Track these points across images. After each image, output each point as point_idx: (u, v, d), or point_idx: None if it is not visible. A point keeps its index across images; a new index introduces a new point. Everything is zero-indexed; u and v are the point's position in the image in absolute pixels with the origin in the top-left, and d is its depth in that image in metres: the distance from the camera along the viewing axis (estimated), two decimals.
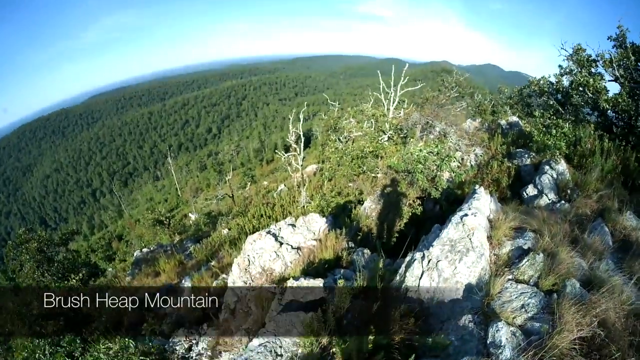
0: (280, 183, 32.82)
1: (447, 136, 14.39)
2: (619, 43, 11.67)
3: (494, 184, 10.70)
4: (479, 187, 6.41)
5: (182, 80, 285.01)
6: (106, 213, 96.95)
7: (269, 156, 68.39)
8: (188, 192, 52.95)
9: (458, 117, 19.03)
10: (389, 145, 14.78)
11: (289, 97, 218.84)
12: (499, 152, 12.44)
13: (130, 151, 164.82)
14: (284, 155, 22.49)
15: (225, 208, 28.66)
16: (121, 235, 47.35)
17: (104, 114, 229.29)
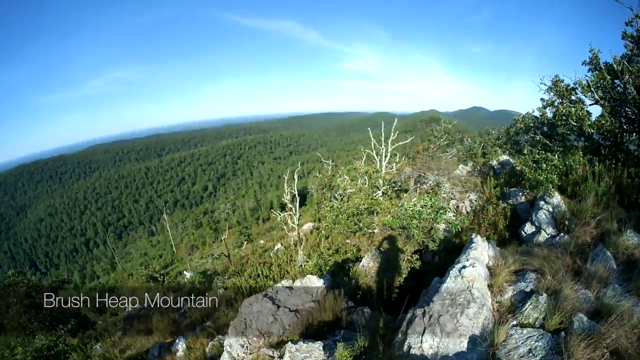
0: (276, 242, 32.46)
1: (440, 186, 14.51)
2: (593, 66, 12.03)
3: (491, 228, 10.60)
4: (476, 236, 6.35)
5: (179, 138, 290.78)
6: (99, 264, 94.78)
7: (265, 215, 68.25)
8: (183, 249, 52.22)
9: (450, 164, 19.29)
10: (383, 201, 14.85)
11: (283, 156, 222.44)
12: (492, 194, 12.41)
13: (126, 204, 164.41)
14: (280, 214, 22.48)
15: (221, 267, 28.12)
16: (113, 288, 45.81)
17: (102, 164, 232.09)
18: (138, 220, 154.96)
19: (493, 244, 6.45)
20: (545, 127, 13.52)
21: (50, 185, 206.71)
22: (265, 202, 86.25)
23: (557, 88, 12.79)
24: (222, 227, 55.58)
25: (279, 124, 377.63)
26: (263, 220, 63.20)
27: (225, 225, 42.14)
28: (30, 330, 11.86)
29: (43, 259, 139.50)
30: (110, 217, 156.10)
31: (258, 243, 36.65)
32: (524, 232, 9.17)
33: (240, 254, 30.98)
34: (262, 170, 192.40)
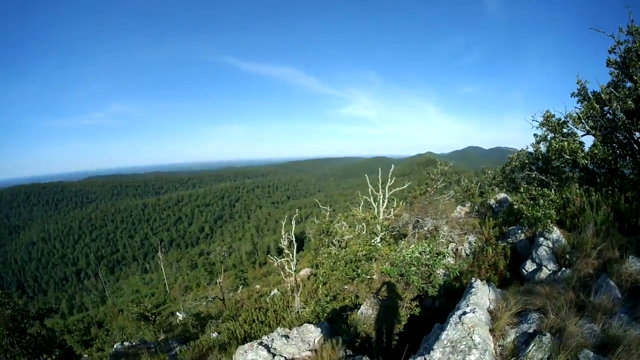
0: (273, 287, 31.93)
1: (438, 229, 14.50)
2: (582, 97, 12.31)
3: (492, 269, 10.50)
4: (475, 280, 6.30)
5: (178, 177, 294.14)
6: (88, 296, 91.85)
7: (262, 259, 67.34)
8: (177, 289, 50.98)
9: (448, 206, 19.38)
10: (382, 247, 14.81)
11: (281, 200, 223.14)
12: (491, 235, 12.37)
13: (121, 239, 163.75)
14: (276, 260, 22.28)
15: (215, 310, 27.45)
16: (102, 322, 44.15)
17: (99, 196, 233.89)
18: (132, 256, 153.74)
19: (494, 287, 6.39)
20: (540, 162, 13.65)
21: (46, 210, 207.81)
22: (262, 246, 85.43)
23: (548, 123, 13.07)
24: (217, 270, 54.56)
25: (277, 168, 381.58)
26: (260, 264, 62.24)
27: (221, 268, 41.28)
28: (11, 354, 11.42)
29: (31, 283, 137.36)
30: (104, 249, 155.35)
31: (254, 287, 35.96)
32: (525, 270, 9.08)
33: (235, 298, 30.31)
34: (259, 214, 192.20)
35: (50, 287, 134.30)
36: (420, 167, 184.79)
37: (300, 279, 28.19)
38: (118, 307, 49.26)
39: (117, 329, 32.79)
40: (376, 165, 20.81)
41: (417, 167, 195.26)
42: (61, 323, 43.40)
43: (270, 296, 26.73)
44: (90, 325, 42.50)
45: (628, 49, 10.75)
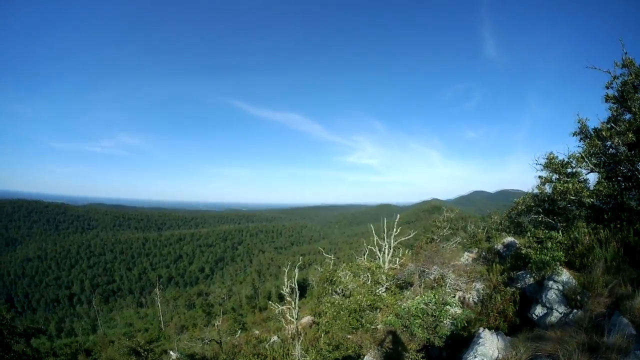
0: (273, 334, 30.92)
1: (444, 278, 14.29)
2: (583, 135, 12.44)
3: (501, 316, 10.27)
4: (483, 330, 6.23)
5: (181, 215, 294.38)
6: (79, 322, 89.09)
7: (262, 304, 65.68)
8: (172, 327, 49.34)
9: (454, 252, 19.15)
10: (386, 297, 14.63)
11: (284, 246, 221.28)
12: (499, 281, 12.17)
13: (119, 270, 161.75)
14: (278, 306, 21.92)
15: (210, 353, 26.46)
16: (90, 351, 42.37)
17: (101, 224, 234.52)
18: (128, 289, 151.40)
19: (502, 335, 6.28)
20: (546, 203, 13.68)
21: (46, 228, 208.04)
22: (263, 291, 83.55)
23: (552, 165, 13.19)
24: (215, 312, 53.27)
25: (281, 213, 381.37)
26: (260, 309, 60.59)
27: (219, 311, 40.50)
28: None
29: (22, 298, 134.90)
30: (100, 278, 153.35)
31: (253, 333, 34.78)
32: (534, 315, 8.90)
33: (232, 342, 29.29)
34: (262, 258, 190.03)
35: (40, 306, 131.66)
36: (425, 214, 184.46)
37: (302, 326, 27.37)
38: (109, 338, 47.80)
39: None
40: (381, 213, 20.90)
41: (422, 214, 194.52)
42: (47, 345, 41.92)
43: (270, 343, 25.84)
44: (78, 352, 41.12)
45: (624, 82, 11.06)
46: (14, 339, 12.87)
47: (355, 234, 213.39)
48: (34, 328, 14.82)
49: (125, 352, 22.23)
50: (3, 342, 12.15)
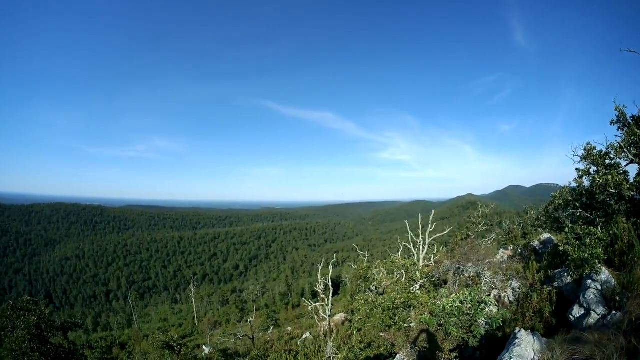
0: (305, 330, 31.15)
1: (480, 276, 13.82)
2: (621, 123, 11.68)
3: (537, 316, 9.82)
4: (519, 331, 5.94)
5: (215, 215, 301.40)
6: (115, 317, 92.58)
7: (296, 301, 66.18)
8: (206, 323, 50.57)
9: (490, 250, 18.58)
10: (421, 295, 14.32)
11: (318, 244, 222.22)
12: (536, 279, 11.66)
13: (154, 268, 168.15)
14: (311, 303, 21.96)
15: (243, 348, 26.89)
16: (124, 344, 44.16)
17: (137, 224, 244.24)
18: (164, 286, 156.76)
19: (539, 336, 5.96)
20: (584, 197, 13.00)
21: (83, 229, 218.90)
22: (296, 288, 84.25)
23: (590, 156, 12.51)
24: (249, 308, 54.14)
25: (315, 211, 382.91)
26: (293, 306, 61.05)
27: (253, 307, 41.12)
28: (29, 358, 11.67)
29: (60, 295, 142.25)
30: (136, 275, 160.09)
31: (285, 329, 35.19)
32: (572, 316, 8.48)
33: (265, 338, 29.66)
34: (296, 256, 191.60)
35: (78, 302, 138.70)
36: (460, 210, 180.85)
37: (334, 323, 27.38)
38: (143, 332, 49.51)
39: (140, 354, 32.80)
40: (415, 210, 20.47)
41: (457, 210, 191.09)
42: (84, 338, 44.10)
43: (302, 339, 26.02)
44: (113, 345, 42.89)
45: None
46: (52, 332, 13.49)
47: (389, 230, 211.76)
48: (71, 322, 15.49)
49: (159, 346, 22.75)
50: (41, 335, 12.74)
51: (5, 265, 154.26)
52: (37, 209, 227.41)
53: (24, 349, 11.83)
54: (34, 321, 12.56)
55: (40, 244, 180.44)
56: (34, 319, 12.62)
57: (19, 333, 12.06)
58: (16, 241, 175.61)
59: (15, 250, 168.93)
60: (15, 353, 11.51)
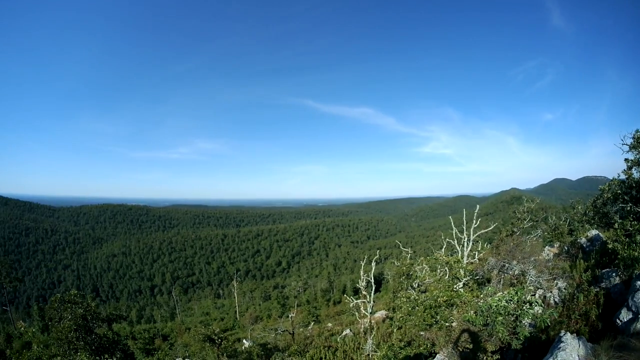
0: (345, 327, 31.05)
1: (525, 275, 13.16)
2: None
3: (582, 319, 9.21)
4: (565, 334, 5.55)
5: (259, 212, 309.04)
6: (159, 310, 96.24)
7: (337, 297, 66.31)
8: (247, 318, 51.61)
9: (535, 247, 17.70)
10: (464, 293, 13.86)
11: (361, 240, 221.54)
12: (583, 279, 10.94)
13: (198, 264, 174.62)
14: (352, 300, 21.82)
15: (283, 343, 27.16)
16: (167, 336, 45.88)
17: (181, 223, 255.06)
18: (207, 281, 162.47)
19: (584, 341, 5.52)
20: (634, 190, 12.02)
21: (129, 228, 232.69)
22: (338, 284, 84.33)
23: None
24: (290, 304, 54.74)
25: (358, 207, 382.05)
26: (334, 302, 61.18)
27: (294, 303, 41.50)
28: (74, 346, 12.37)
29: (106, 289, 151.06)
30: (180, 271, 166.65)
31: (325, 325, 35.23)
32: (619, 320, 7.86)
33: (305, 334, 29.85)
34: (338, 252, 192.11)
35: (123, 295, 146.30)
36: (504, 205, 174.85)
37: (375, 321, 27.14)
38: (186, 325, 51.13)
39: (181, 345, 33.94)
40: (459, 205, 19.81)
41: (501, 205, 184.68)
42: (128, 329, 46.02)
43: (342, 336, 25.93)
44: (156, 336, 44.61)
45: None
46: (97, 323, 14.23)
47: (432, 227, 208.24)
48: (116, 314, 16.28)
49: (200, 338, 23.39)
50: (86, 325, 13.44)
51: (54, 262, 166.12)
52: (86, 210, 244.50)
53: (70, 337, 12.55)
54: (81, 313, 13.31)
55: (88, 242, 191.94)
56: (80, 310, 13.37)
57: (65, 323, 12.82)
58: (65, 240, 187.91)
59: (64, 248, 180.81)
60: (61, 341, 12.24)
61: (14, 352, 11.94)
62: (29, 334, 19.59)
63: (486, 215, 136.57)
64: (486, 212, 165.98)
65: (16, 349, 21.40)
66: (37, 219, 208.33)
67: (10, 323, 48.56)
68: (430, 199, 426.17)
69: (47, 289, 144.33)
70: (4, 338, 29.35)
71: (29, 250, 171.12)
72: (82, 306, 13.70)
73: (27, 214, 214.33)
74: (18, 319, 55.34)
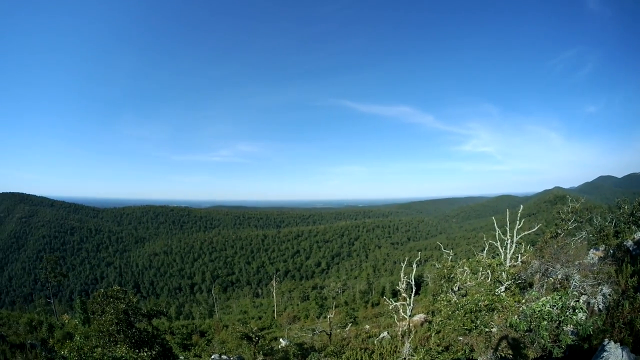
0: (383, 329, 30.70)
1: (569, 279, 12.47)
2: None
3: (626, 329, 8.61)
4: (608, 343, 5.22)
5: (299, 213, 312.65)
6: (197, 307, 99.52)
7: (375, 299, 65.65)
8: (284, 317, 52.19)
9: (579, 250, 16.77)
10: (505, 298, 13.34)
11: (401, 241, 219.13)
12: (629, 285, 10.22)
13: (238, 263, 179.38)
14: (392, 302, 21.59)
15: (319, 344, 27.17)
16: (204, 332, 47.04)
17: (222, 224, 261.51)
18: (246, 280, 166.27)
19: (628, 351, 5.16)
20: None
21: (171, 228, 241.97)
22: (377, 286, 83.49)
23: None
24: (328, 305, 54.70)
25: (398, 208, 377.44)
26: (372, 304, 60.58)
27: (332, 304, 41.49)
28: (114, 339, 13.01)
29: (147, 286, 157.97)
30: (220, 270, 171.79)
31: (363, 327, 34.96)
32: None
33: (342, 335, 29.77)
34: (378, 254, 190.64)
35: (163, 292, 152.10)
36: (548, 206, 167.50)
37: (413, 324, 26.64)
38: (223, 323, 52.24)
39: (218, 342, 34.66)
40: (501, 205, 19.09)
41: (544, 205, 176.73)
42: (166, 324, 47.55)
43: (379, 338, 25.64)
44: (193, 332, 45.83)
45: None
46: (137, 318, 14.93)
47: (474, 228, 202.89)
48: (156, 310, 16.97)
49: (237, 336, 23.90)
50: (128, 320, 14.10)
51: (98, 259, 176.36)
52: (129, 211, 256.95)
53: (111, 330, 13.25)
54: (123, 308, 13.98)
55: (130, 241, 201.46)
56: (122, 305, 14.06)
57: (107, 317, 13.51)
58: (108, 238, 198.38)
59: (107, 246, 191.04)
60: (102, 333, 12.95)
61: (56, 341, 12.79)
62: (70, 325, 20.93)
63: (529, 216, 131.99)
64: (529, 212, 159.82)
65: (57, 338, 22.92)
66: (82, 219, 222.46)
67: (53, 314, 51.71)
68: (471, 199, 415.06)
69: (89, 284, 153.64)
70: (47, 328, 31.44)
71: (73, 248, 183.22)
72: (124, 301, 14.39)
73: (73, 215, 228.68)
74: (61, 312, 58.91)
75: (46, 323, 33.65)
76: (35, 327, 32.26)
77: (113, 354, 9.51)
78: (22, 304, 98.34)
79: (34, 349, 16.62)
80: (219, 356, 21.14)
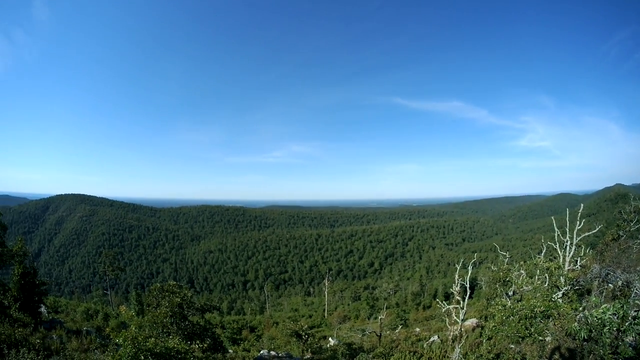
0: (433, 333, 30.10)
1: (630, 287, 11.60)
2: None
3: None
4: None
5: (353, 213, 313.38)
6: (249, 303, 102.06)
7: (427, 302, 64.19)
8: (335, 316, 52.43)
9: None
10: (562, 304, 12.69)
11: (455, 242, 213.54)
12: None
13: (291, 262, 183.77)
14: (444, 305, 21.17)
15: (368, 344, 27.11)
16: (254, 328, 48.32)
17: (277, 223, 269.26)
18: (298, 279, 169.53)
19: None
20: None
21: (226, 227, 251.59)
22: (429, 288, 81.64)
23: None
24: (379, 306, 54.28)
25: (453, 207, 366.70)
26: (424, 307, 59.25)
27: (384, 305, 41.10)
28: (167, 330, 13.89)
29: (201, 281, 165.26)
30: (273, 268, 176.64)
31: (413, 330, 34.40)
32: None
33: (391, 337, 29.49)
34: (432, 254, 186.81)
35: (216, 288, 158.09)
36: (609, 205, 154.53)
37: (464, 329, 25.93)
38: (274, 319, 53.42)
39: (267, 338, 35.41)
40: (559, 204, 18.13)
41: (605, 204, 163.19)
42: (218, 319, 49.27)
43: (429, 342, 25.22)
44: (243, 327, 47.17)
45: None
46: (191, 311, 15.91)
47: (531, 229, 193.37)
48: (209, 305, 18.02)
49: (287, 333, 24.45)
50: (182, 313, 15.05)
51: (154, 255, 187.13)
52: (185, 211, 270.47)
53: (165, 322, 14.21)
54: (178, 302, 14.93)
55: (186, 239, 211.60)
56: (177, 299, 15.02)
57: (162, 310, 14.45)
58: (165, 237, 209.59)
59: (164, 243, 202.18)
60: (156, 325, 13.94)
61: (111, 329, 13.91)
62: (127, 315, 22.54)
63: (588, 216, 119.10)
64: (588, 212, 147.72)
65: (112, 327, 24.69)
66: (139, 218, 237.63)
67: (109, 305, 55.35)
68: (528, 198, 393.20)
69: (145, 279, 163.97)
70: (102, 317, 33.92)
71: (131, 244, 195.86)
72: (179, 295, 15.35)
73: (131, 214, 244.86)
74: (117, 303, 63.02)
75: (102, 312, 36.37)
76: (92, 316, 35.03)
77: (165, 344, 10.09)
78: (80, 294, 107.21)
79: (89, 335, 18.08)
80: (268, 352, 21.75)
